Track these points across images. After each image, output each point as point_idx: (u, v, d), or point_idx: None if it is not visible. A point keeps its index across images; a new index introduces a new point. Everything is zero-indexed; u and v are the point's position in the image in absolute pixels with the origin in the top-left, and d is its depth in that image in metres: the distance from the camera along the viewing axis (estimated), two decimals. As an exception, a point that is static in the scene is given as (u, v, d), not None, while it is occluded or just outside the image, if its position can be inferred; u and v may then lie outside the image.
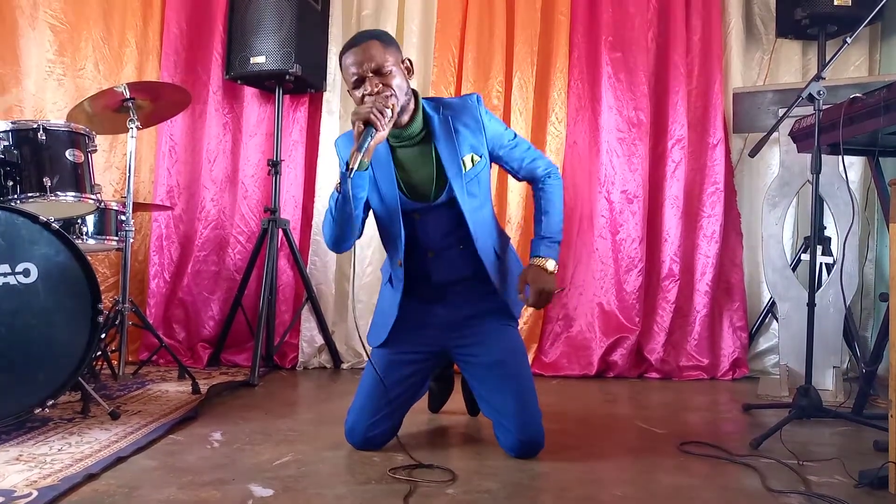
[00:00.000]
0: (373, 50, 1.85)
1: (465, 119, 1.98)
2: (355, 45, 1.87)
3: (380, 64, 1.84)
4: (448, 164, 1.95)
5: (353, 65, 1.86)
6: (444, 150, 1.95)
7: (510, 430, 1.92)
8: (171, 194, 3.60)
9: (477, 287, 2.03)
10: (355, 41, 1.89)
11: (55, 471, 1.71)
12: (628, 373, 3.42)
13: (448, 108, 1.99)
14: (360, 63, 1.85)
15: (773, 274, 3.03)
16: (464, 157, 1.96)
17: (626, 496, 1.66)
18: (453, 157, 1.95)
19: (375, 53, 1.85)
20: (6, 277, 2.05)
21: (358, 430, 1.98)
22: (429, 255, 2.00)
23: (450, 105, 2.00)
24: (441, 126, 1.96)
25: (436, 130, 1.96)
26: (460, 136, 1.96)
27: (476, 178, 1.99)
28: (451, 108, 1.99)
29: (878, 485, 1.68)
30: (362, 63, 1.84)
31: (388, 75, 1.85)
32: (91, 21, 3.59)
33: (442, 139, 1.96)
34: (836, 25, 3.32)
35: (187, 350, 3.51)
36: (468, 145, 1.97)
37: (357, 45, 1.87)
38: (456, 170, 1.95)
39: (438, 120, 1.97)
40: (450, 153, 1.95)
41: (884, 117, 2.05)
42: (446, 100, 2.03)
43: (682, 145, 3.50)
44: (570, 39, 3.56)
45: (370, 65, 1.84)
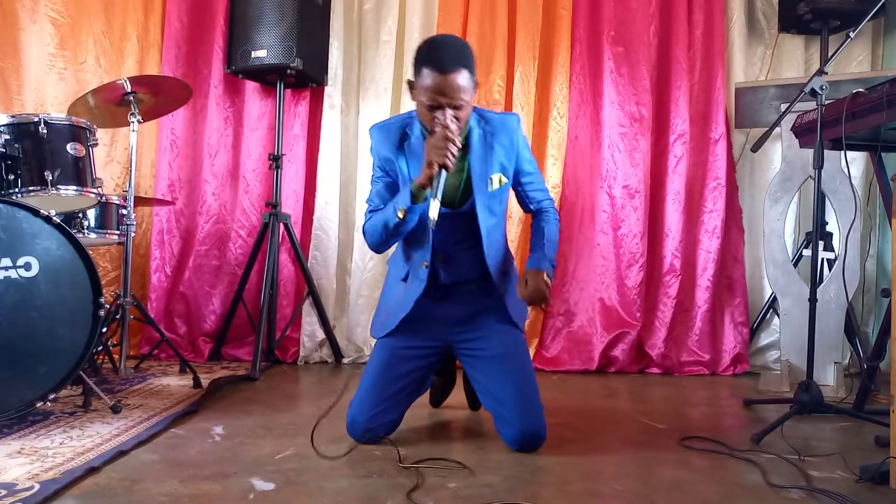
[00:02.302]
0: (460, 81, 1.82)
1: (501, 139, 2.00)
2: (444, 72, 1.81)
3: (460, 100, 1.83)
4: (476, 180, 1.97)
5: (435, 91, 1.82)
6: (476, 165, 1.98)
7: (512, 421, 1.93)
8: (173, 188, 3.60)
9: (483, 286, 2.06)
10: (444, 65, 1.82)
11: (57, 464, 1.71)
12: (629, 368, 3.42)
13: (489, 124, 2.00)
14: (443, 94, 1.82)
15: (775, 269, 3.03)
16: (492, 176, 1.99)
17: (627, 490, 1.66)
18: (483, 174, 1.98)
19: (461, 88, 1.82)
20: (7, 271, 2.05)
21: (359, 422, 1.98)
22: (438, 256, 2.02)
23: (491, 121, 2.01)
24: (480, 141, 1.98)
25: (473, 144, 1.98)
26: (494, 154, 1.99)
27: (499, 197, 2.04)
28: (492, 124, 2.01)
29: (879, 480, 1.68)
30: (445, 94, 1.82)
31: (463, 109, 1.86)
32: (92, 15, 3.58)
33: (477, 154, 1.98)
34: (838, 20, 3.30)
35: (188, 344, 3.51)
36: (499, 164, 2.00)
37: (446, 71, 1.81)
38: (483, 186, 1.98)
39: (478, 135, 1.99)
40: (481, 169, 1.98)
41: (886, 112, 2.04)
42: (488, 114, 2.04)
43: (683, 140, 3.50)
44: (571, 34, 3.55)
45: (452, 100, 1.83)
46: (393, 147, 2.00)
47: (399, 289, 2.09)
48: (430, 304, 2.04)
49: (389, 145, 2.01)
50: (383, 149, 2.02)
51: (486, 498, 1.55)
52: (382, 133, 2.04)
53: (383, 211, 1.96)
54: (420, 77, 1.86)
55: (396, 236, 1.98)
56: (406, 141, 2.00)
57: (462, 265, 2.04)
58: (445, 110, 1.83)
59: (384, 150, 2.02)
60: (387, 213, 1.93)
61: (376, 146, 2.04)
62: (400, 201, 1.90)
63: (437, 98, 1.83)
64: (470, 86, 1.86)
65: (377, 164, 2.05)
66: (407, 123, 2.02)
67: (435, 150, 1.80)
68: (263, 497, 1.55)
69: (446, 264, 2.03)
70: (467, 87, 1.84)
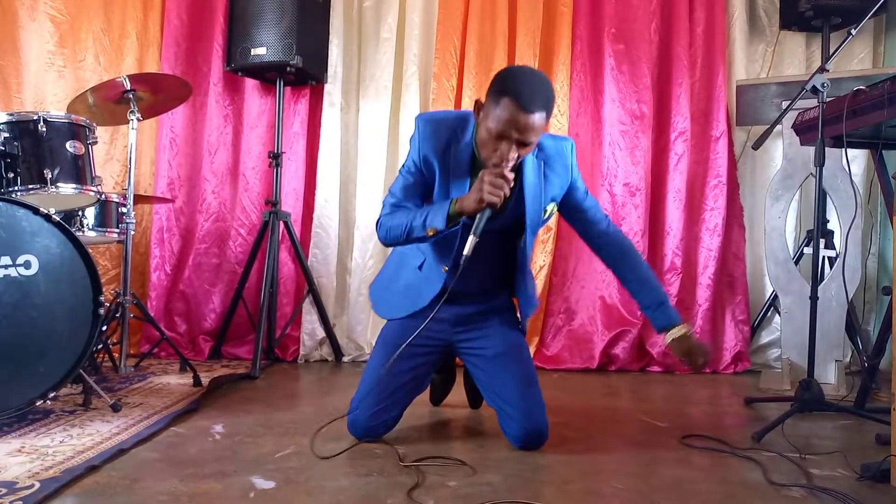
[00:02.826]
0: (537, 124, 1.74)
1: (555, 166, 1.96)
2: (529, 111, 1.72)
3: (531, 141, 1.77)
4: (530, 213, 1.92)
5: (511, 125, 1.73)
6: (530, 193, 1.92)
7: (515, 419, 1.93)
8: (172, 186, 3.60)
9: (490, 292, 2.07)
10: (532, 104, 1.72)
11: (57, 462, 1.71)
12: (630, 366, 3.42)
13: (543, 152, 1.94)
14: (518, 130, 1.74)
15: (776, 267, 3.03)
16: (546, 206, 1.96)
17: (628, 489, 1.66)
18: (537, 207, 1.93)
19: (537, 130, 1.76)
20: (7, 269, 2.04)
21: (360, 420, 1.98)
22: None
23: (545, 148, 1.95)
24: (535, 171, 1.92)
25: (527, 175, 1.91)
26: (549, 183, 1.95)
27: (543, 223, 2.03)
28: (546, 152, 1.95)
29: (879, 478, 1.68)
30: (520, 132, 1.74)
31: (527, 148, 1.80)
32: (91, 12, 3.57)
33: (532, 182, 1.92)
34: (840, 17, 3.30)
35: (188, 342, 3.51)
36: (551, 195, 1.96)
37: (530, 111, 1.72)
38: (536, 216, 1.94)
39: (533, 165, 1.92)
40: (535, 197, 1.92)
41: (887, 110, 2.04)
42: (543, 139, 1.95)
43: (684, 138, 3.49)
44: (572, 31, 3.54)
45: (524, 137, 1.75)
46: (438, 149, 1.89)
47: (411, 274, 2.05)
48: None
49: (435, 145, 1.89)
50: (426, 146, 1.90)
51: (486, 496, 1.55)
52: (430, 128, 1.91)
53: (409, 215, 1.87)
54: (498, 105, 1.74)
55: (414, 244, 1.95)
56: (454, 145, 1.90)
57: (478, 276, 1.98)
58: (513, 148, 1.76)
59: (426, 149, 1.90)
60: (414, 222, 1.85)
61: (420, 140, 1.91)
62: (433, 220, 1.81)
63: (510, 132, 1.74)
64: (543, 129, 1.79)
65: (414, 158, 1.94)
66: (459, 125, 1.91)
67: (490, 187, 1.73)
68: (264, 495, 1.55)
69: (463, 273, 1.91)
70: (541, 128, 1.78)
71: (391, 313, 2.08)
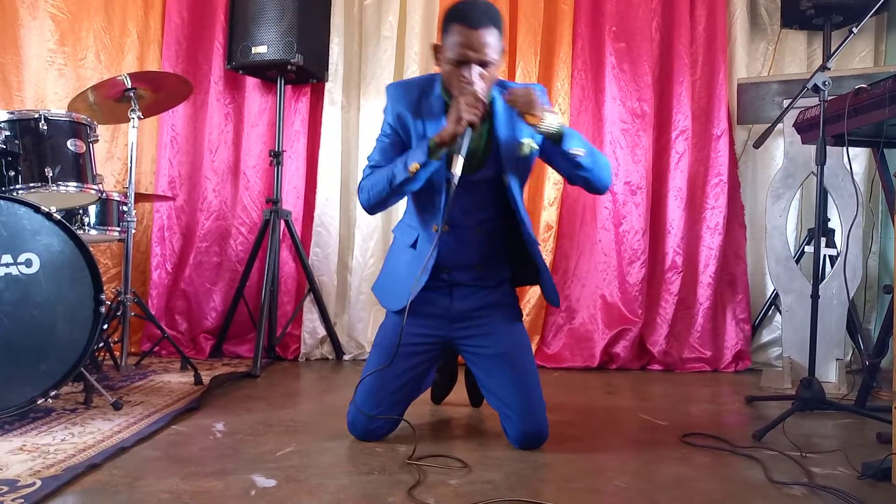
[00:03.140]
0: (489, 39, 1.79)
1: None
2: (474, 26, 1.78)
3: (489, 57, 1.80)
4: (505, 147, 1.92)
5: (464, 46, 1.79)
6: (503, 132, 1.93)
7: (515, 420, 1.93)
8: (173, 185, 3.60)
9: (484, 279, 2.02)
10: (475, 20, 1.79)
11: (58, 461, 1.71)
12: (631, 365, 3.42)
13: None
14: (472, 48, 1.78)
15: (777, 266, 3.03)
16: (522, 140, 1.93)
17: (629, 487, 1.66)
18: (511, 137, 1.93)
19: (491, 45, 1.79)
20: (8, 268, 2.05)
21: (359, 421, 1.98)
22: (444, 229, 1.94)
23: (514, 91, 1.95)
24: (505, 110, 1.93)
25: (497, 112, 1.93)
26: (520, 121, 1.92)
27: (525, 164, 1.98)
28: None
29: (881, 476, 1.68)
30: (474, 49, 1.78)
31: (490, 67, 1.82)
32: (92, 11, 3.57)
33: (503, 121, 1.93)
34: (841, 16, 3.30)
35: (189, 341, 3.51)
36: (527, 131, 1.93)
37: (476, 26, 1.78)
38: (512, 153, 1.93)
39: (503, 103, 1.93)
40: (509, 135, 1.93)
41: (889, 108, 2.04)
42: (511, 85, 1.98)
43: (685, 136, 3.49)
44: (573, 29, 3.54)
45: (481, 56, 1.79)
46: (410, 104, 1.94)
47: (408, 255, 2.03)
48: (431, 298, 1.99)
49: (406, 102, 1.94)
50: (399, 105, 1.94)
51: (487, 495, 1.55)
52: (400, 90, 1.98)
53: (390, 166, 1.88)
54: (448, 34, 1.82)
55: (397, 195, 1.91)
56: (424, 99, 1.94)
57: (469, 242, 1.97)
58: (473, 67, 1.80)
59: (399, 106, 1.94)
60: (394, 168, 1.86)
61: (391, 102, 1.97)
62: (414, 157, 1.83)
63: (465, 53, 1.79)
64: (498, 46, 1.82)
65: (388, 121, 1.97)
66: (427, 82, 1.97)
67: (466, 106, 1.76)
68: (264, 493, 1.55)
69: (453, 238, 1.95)
70: (496, 45, 1.81)
71: (396, 303, 2.01)
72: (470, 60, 1.80)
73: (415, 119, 1.93)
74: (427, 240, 1.98)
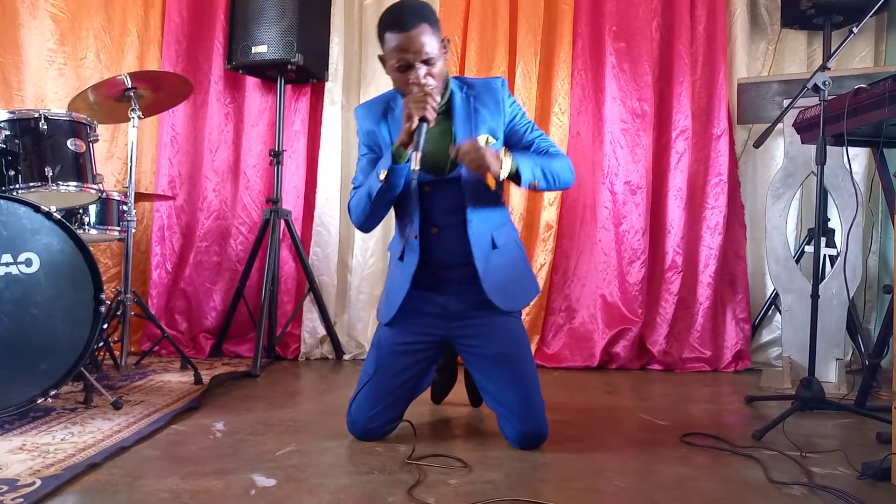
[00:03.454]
0: (424, 37, 1.82)
1: (486, 100, 1.97)
2: (405, 29, 1.81)
3: (428, 54, 1.83)
4: (460, 137, 1.93)
5: (401, 51, 1.82)
6: (460, 128, 1.95)
7: (513, 421, 1.92)
8: (173, 184, 3.60)
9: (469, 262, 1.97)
10: (404, 23, 1.82)
11: (58, 460, 1.71)
12: (631, 364, 3.42)
13: (471, 88, 1.99)
14: (409, 51, 1.82)
15: (777, 266, 3.03)
16: (477, 137, 1.92)
17: (629, 487, 1.66)
18: (467, 132, 1.94)
19: (425, 42, 1.82)
20: (8, 267, 2.05)
21: (359, 421, 1.98)
22: (433, 230, 1.96)
23: (473, 85, 2.00)
24: (462, 105, 1.96)
25: (456, 108, 1.96)
26: (479, 116, 1.96)
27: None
28: (475, 88, 1.99)
29: (880, 476, 1.68)
30: (412, 52, 1.82)
31: (434, 64, 1.85)
32: (92, 10, 3.57)
33: (461, 117, 1.95)
34: (841, 16, 3.29)
35: (189, 340, 3.52)
36: (486, 127, 1.95)
37: (407, 29, 1.81)
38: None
39: (461, 98, 1.97)
40: (465, 132, 1.94)
41: (889, 108, 2.03)
42: (471, 79, 2.04)
43: (685, 136, 3.49)
44: (573, 29, 3.54)
45: (420, 56, 1.82)
46: (376, 118, 1.99)
47: (398, 269, 2.04)
48: (426, 297, 1.99)
49: (373, 118, 2.00)
50: (367, 122, 2.01)
51: (487, 495, 1.55)
52: (365, 109, 2.04)
53: (366, 181, 1.95)
54: (385, 43, 1.86)
55: (382, 207, 1.93)
56: (390, 113, 1.98)
57: (454, 241, 1.95)
58: (418, 68, 1.82)
59: (367, 124, 2.01)
60: (370, 182, 1.91)
61: (360, 122, 2.04)
62: (382, 164, 1.88)
63: (404, 57, 1.82)
64: (434, 40, 1.84)
65: (362, 142, 2.04)
66: (391, 97, 2.02)
67: (414, 103, 1.79)
68: (264, 493, 1.55)
69: (438, 240, 1.96)
70: (431, 40, 1.83)
71: (388, 314, 2.02)
72: (411, 63, 1.83)
73: (381, 130, 1.98)
74: (410, 249, 1.99)
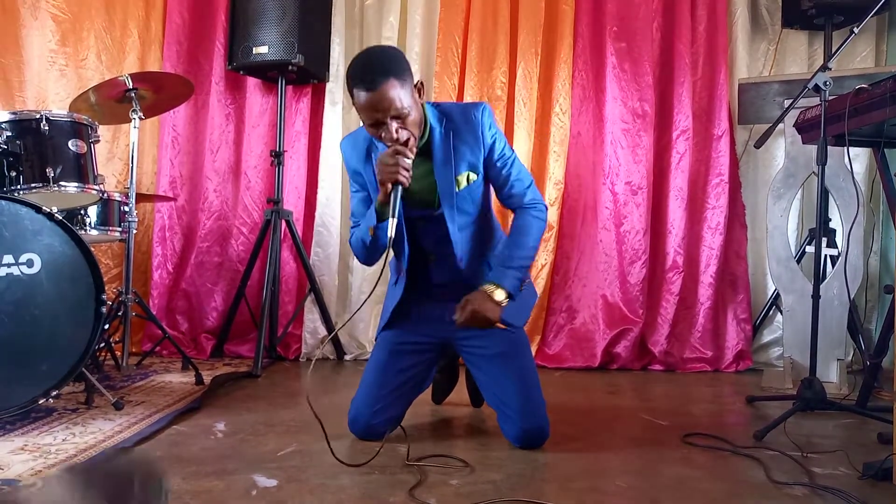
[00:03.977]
0: (391, 93, 1.72)
1: (465, 135, 1.92)
2: (371, 89, 1.72)
3: (399, 109, 1.74)
4: (441, 183, 1.92)
5: (369, 109, 1.75)
6: (439, 169, 1.92)
7: (514, 419, 1.93)
8: (174, 185, 3.60)
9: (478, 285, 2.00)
10: (371, 81, 1.72)
11: (60, 461, 1.71)
12: (632, 365, 3.42)
13: (451, 122, 1.92)
14: (378, 109, 1.74)
15: (778, 266, 3.02)
16: (458, 177, 1.93)
17: (630, 487, 1.66)
18: (447, 177, 1.92)
19: (394, 98, 1.73)
20: (10, 268, 2.05)
21: (361, 420, 1.98)
22: (430, 258, 2.02)
23: (453, 117, 1.92)
24: (441, 142, 1.91)
25: (435, 146, 1.91)
26: (458, 154, 1.92)
27: (469, 195, 1.96)
28: (454, 121, 1.92)
29: (882, 476, 1.68)
30: (380, 110, 1.74)
31: (406, 117, 1.77)
32: (93, 11, 3.57)
33: (440, 157, 1.91)
34: (842, 16, 3.29)
35: (190, 341, 3.52)
36: (465, 163, 1.93)
37: (373, 88, 1.72)
38: (448, 189, 1.93)
39: (440, 135, 1.91)
40: (445, 172, 1.92)
41: (890, 108, 2.03)
42: (449, 109, 1.95)
43: (686, 136, 3.49)
44: (574, 29, 3.54)
45: (389, 113, 1.74)
46: (360, 159, 1.98)
47: (392, 290, 2.12)
48: (427, 302, 2.04)
49: (357, 158, 1.99)
50: (352, 162, 2.00)
51: (488, 495, 1.55)
52: (349, 145, 2.01)
53: (360, 228, 1.98)
54: (354, 98, 1.78)
55: (378, 251, 1.94)
56: (373, 151, 1.94)
57: (452, 268, 2.00)
58: (389, 124, 1.75)
59: (353, 164, 2.00)
60: (362, 231, 1.95)
61: (346, 160, 2.03)
62: (368, 220, 1.92)
63: (374, 115, 1.75)
64: (405, 92, 1.75)
65: (351, 178, 2.04)
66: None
67: (384, 168, 1.77)
68: (266, 493, 1.55)
69: (439, 265, 2.01)
70: (401, 94, 1.74)
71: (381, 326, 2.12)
72: (381, 121, 1.77)
73: (366, 172, 1.98)
74: (402, 281, 2.04)
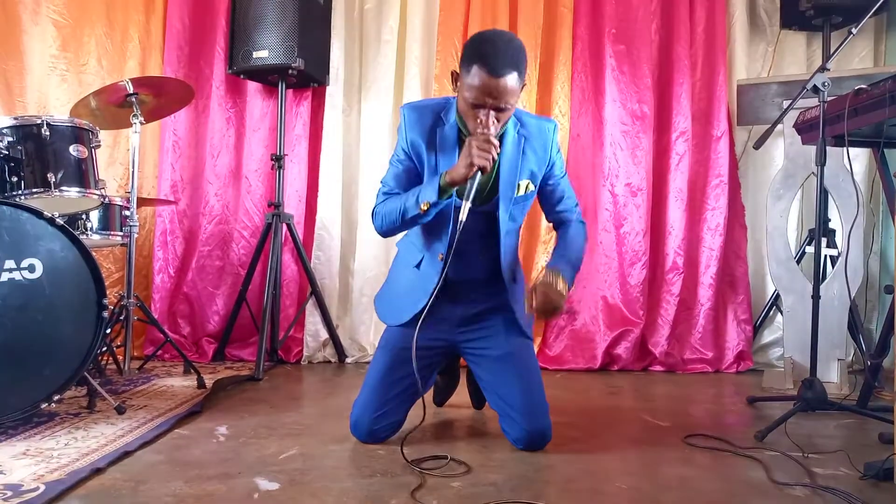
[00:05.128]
0: (509, 86, 1.76)
1: (535, 144, 1.97)
2: (495, 75, 1.74)
3: (507, 104, 1.79)
4: (504, 184, 1.94)
5: (482, 92, 1.76)
6: (505, 169, 1.94)
7: (517, 420, 1.93)
8: (175, 189, 3.61)
9: (490, 287, 2.04)
10: (496, 67, 1.74)
11: (62, 465, 1.71)
12: (632, 366, 3.42)
13: (525, 128, 1.97)
14: (490, 95, 1.77)
15: (778, 266, 3.03)
16: (520, 182, 1.96)
17: (631, 488, 1.66)
18: (511, 180, 1.95)
19: (509, 93, 1.77)
20: (12, 273, 2.05)
21: (363, 424, 1.98)
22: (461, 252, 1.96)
23: (527, 125, 1.98)
24: (514, 145, 1.95)
25: (506, 146, 1.93)
26: (526, 159, 1.96)
27: (522, 204, 2.01)
28: (528, 128, 1.97)
29: (883, 477, 1.68)
30: (493, 97, 1.77)
31: (506, 112, 1.82)
32: (94, 16, 3.58)
33: (509, 157, 1.94)
34: (840, 16, 3.30)
35: (192, 345, 3.52)
36: (529, 171, 1.97)
37: (497, 75, 1.74)
38: (509, 192, 1.95)
39: (513, 138, 1.95)
40: (510, 174, 1.94)
41: (889, 108, 2.04)
42: (526, 117, 2.00)
43: (685, 138, 3.50)
44: (573, 32, 3.55)
45: (498, 102, 1.78)
46: (424, 131, 1.94)
47: (411, 275, 2.05)
48: (436, 302, 1.98)
49: (420, 129, 1.94)
50: (413, 132, 1.95)
51: (489, 497, 1.55)
52: (415, 114, 1.96)
53: (402, 197, 1.90)
54: (468, 73, 1.78)
55: (411, 226, 1.95)
56: (439, 127, 1.93)
57: (473, 263, 2.00)
58: (489, 111, 1.79)
59: (413, 134, 1.94)
60: (406, 202, 1.88)
61: (406, 127, 1.96)
62: (425, 195, 1.84)
63: (483, 99, 1.77)
64: (518, 88, 1.80)
65: (401, 146, 1.98)
66: (443, 109, 1.96)
67: (478, 151, 1.76)
68: (268, 497, 1.55)
69: (458, 260, 1.96)
70: (515, 90, 1.79)
71: (395, 319, 2.05)
72: (486, 106, 1.79)
73: (428, 150, 1.94)
74: (431, 265, 2.00)
